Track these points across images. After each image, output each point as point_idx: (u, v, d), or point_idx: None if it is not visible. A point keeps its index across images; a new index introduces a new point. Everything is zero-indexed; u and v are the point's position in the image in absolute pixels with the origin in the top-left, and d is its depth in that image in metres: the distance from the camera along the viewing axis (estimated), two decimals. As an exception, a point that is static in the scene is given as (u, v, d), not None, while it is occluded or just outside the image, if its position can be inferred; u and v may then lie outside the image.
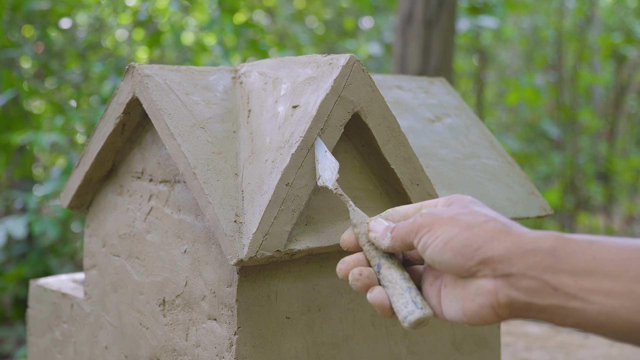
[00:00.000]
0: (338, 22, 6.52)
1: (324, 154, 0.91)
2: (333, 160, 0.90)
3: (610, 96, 6.87)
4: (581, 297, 0.64)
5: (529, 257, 0.67)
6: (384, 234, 0.79)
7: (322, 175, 0.90)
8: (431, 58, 3.28)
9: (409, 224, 0.75)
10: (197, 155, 0.96)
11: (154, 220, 1.09)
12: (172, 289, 1.05)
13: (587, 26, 6.45)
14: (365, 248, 0.81)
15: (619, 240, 0.66)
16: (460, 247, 0.70)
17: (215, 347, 0.97)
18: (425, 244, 0.73)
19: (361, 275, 0.78)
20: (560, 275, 0.65)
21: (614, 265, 0.64)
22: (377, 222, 0.81)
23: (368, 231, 0.81)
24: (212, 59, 3.96)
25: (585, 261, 0.65)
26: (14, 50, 3.79)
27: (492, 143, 1.33)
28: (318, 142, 0.92)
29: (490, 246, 0.69)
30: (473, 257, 0.69)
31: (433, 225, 0.73)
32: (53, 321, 1.32)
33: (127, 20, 4.37)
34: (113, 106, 1.11)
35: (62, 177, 3.36)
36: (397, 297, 0.75)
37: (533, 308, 0.67)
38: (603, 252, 0.65)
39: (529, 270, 0.67)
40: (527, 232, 0.70)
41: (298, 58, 1.06)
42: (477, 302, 0.70)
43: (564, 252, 0.66)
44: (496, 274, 0.68)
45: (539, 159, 6.36)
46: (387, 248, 0.78)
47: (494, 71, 7.55)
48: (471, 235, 0.70)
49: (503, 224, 0.71)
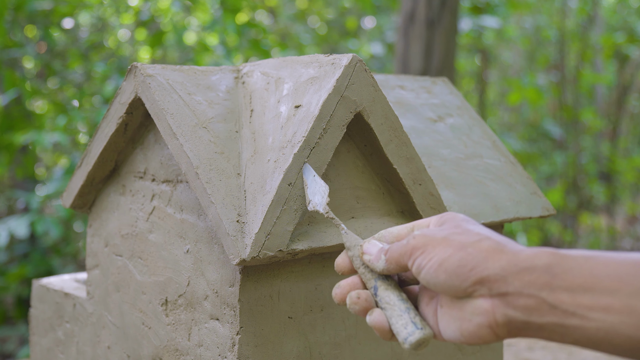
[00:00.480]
0: (340, 22, 6.52)
1: (312, 178, 0.90)
2: (322, 184, 0.89)
3: (612, 96, 6.86)
4: (580, 314, 0.64)
5: (525, 275, 0.66)
6: (378, 257, 0.78)
7: (312, 200, 0.89)
8: (433, 58, 3.28)
9: (402, 246, 0.75)
10: (199, 155, 0.96)
11: (157, 220, 1.09)
12: (174, 289, 1.05)
13: (589, 26, 6.44)
14: (360, 271, 0.80)
15: (616, 255, 0.65)
16: (455, 267, 0.69)
17: (217, 347, 0.97)
18: (420, 266, 0.72)
19: (359, 298, 0.77)
20: (557, 292, 0.65)
21: (612, 280, 0.63)
22: (370, 244, 0.80)
23: (362, 254, 0.80)
24: (215, 58, 3.96)
25: (582, 277, 0.64)
26: (16, 50, 3.80)
27: (495, 143, 1.33)
28: (306, 167, 0.91)
29: (485, 265, 0.68)
30: (468, 278, 0.69)
31: (426, 247, 0.72)
32: (56, 321, 1.32)
33: (130, 20, 4.37)
34: (115, 106, 1.11)
35: (65, 177, 3.37)
36: (396, 319, 0.75)
37: (531, 326, 0.67)
38: (600, 267, 0.64)
39: (525, 289, 0.66)
40: (522, 249, 0.69)
41: (300, 58, 1.06)
42: (475, 322, 0.69)
43: (560, 268, 0.66)
44: (492, 294, 0.68)
45: (542, 159, 6.35)
46: (382, 270, 0.77)
47: (496, 71, 7.54)
48: (465, 255, 0.69)
49: (497, 242, 0.70)
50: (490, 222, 1.16)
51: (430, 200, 1.05)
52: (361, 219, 1.02)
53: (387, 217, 1.05)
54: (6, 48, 3.74)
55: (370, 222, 1.02)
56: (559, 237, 5.94)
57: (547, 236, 5.98)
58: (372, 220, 1.03)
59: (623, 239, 6.21)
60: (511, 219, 1.19)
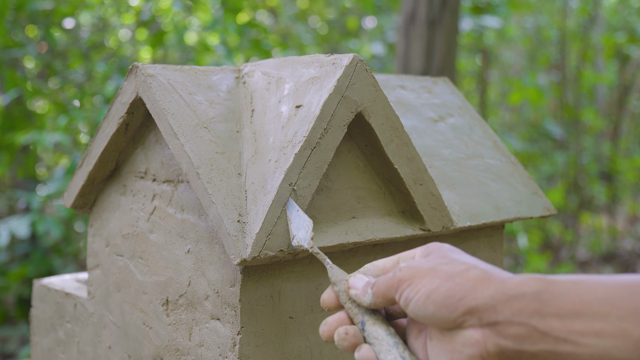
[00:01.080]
0: (341, 22, 6.52)
1: (296, 213, 0.90)
2: (306, 219, 0.89)
3: (613, 96, 6.86)
4: (572, 340, 0.63)
5: (514, 303, 0.66)
6: (365, 291, 0.77)
7: (297, 235, 0.88)
8: (434, 58, 3.27)
9: (389, 279, 0.74)
10: (200, 155, 0.96)
11: (157, 220, 1.09)
12: (175, 289, 1.05)
13: (590, 26, 6.44)
14: (347, 306, 0.79)
15: (604, 278, 0.65)
16: (443, 298, 0.68)
17: (218, 347, 0.97)
18: (407, 298, 0.71)
19: (347, 334, 0.76)
20: (548, 319, 0.64)
21: (602, 304, 0.62)
22: (356, 278, 0.79)
23: (348, 288, 0.79)
24: (215, 58, 3.96)
25: (572, 302, 0.64)
26: (17, 50, 3.80)
27: (496, 143, 1.33)
28: (290, 203, 0.90)
29: (474, 295, 0.67)
30: (457, 308, 0.68)
31: (413, 279, 0.71)
32: (56, 321, 1.32)
33: (131, 20, 4.37)
34: (116, 106, 1.11)
35: (66, 176, 3.37)
36: (385, 354, 0.74)
37: (524, 355, 0.66)
38: (589, 291, 0.64)
39: (515, 317, 0.65)
40: (510, 276, 0.68)
41: (301, 58, 1.06)
42: (466, 354, 0.68)
43: (549, 295, 0.65)
44: (483, 323, 0.67)
45: (543, 159, 6.35)
46: (370, 305, 0.76)
47: (497, 71, 7.54)
48: (453, 285, 0.68)
49: (484, 271, 0.69)
50: (491, 222, 1.16)
51: (431, 200, 1.05)
52: (362, 218, 1.02)
53: (388, 217, 1.05)
54: (7, 48, 3.74)
55: (372, 222, 1.02)
56: (560, 237, 5.94)
57: (548, 236, 5.98)
58: (373, 220, 1.03)
59: (624, 239, 6.21)
60: (512, 219, 1.19)
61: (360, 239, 0.99)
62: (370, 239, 1.00)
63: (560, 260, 5.54)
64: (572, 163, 5.97)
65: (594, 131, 6.57)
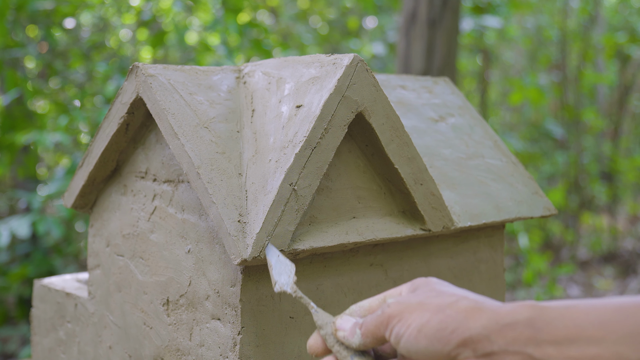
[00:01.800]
0: (342, 22, 6.52)
1: (277, 258, 0.88)
2: (288, 263, 0.87)
3: (614, 96, 6.85)
4: None
5: (508, 331, 0.65)
6: (353, 331, 0.75)
7: (279, 281, 0.86)
8: (435, 58, 3.27)
9: (378, 316, 0.72)
10: (200, 155, 0.96)
11: (158, 220, 1.09)
12: (176, 289, 1.05)
13: (591, 26, 6.44)
14: (335, 349, 0.76)
15: (596, 301, 0.64)
16: (435, 331, 0.67)
17: (219, 347, 0.97)
18: (398, 334, 0.69)
19: None
20: (543, 346, 0.63)
21: (596, 329, 0.62)
22: (343, 319, 0.77)
23: (335, 330, 0.77)
24: (216, 58, 3.96)
25: (566, 328, 0.63)
26: (18, 50, 3.80)
27: (496, 143, 1.33)
28: (269, 248, 0.89)
29: (467, 326, 0.66)
30: (450, 341, 0.66)
31: (403, 314, 0.70)
32: (57, 321, 1.32)
33: (131, 20, 4.37)
34: (117, 106, 1.11)
35: (66, 176, 3.37)
36: None
37: None
38: (582, 316, 0.63)
39: (510, 346, 0.64)
40: (500, 305, 0.67)
41: (302, 58, 1.06)
42: None
43: (542, 321, 0.64)
44: (478, 355, 0.65)
45: (543, 159, 6.35)
46: (359, 346, 0.74)
47: (497, 71, 7.54)
48: (444, 317, 0.67)
49: (475, 301, 0.68)
50: (492, 221, 1.16)
51: (431, 200, 1.05)
52: (363, 218, 1.02)
53: (389, 217, 1.05)
54: (8, 48, 3.74)
55: (372, 222, 1.02)
56: (561, 237, 5.94)
57: (548, 236, 5.98)
58: (374, 220, 1.03)
59: (625, 239, 6.21)
60: (513, 219, 1.19)
61: (361, 239, 0.99)
62: (371, 239, 1.00)
63: (561, 260, 5.55)
64: (573, 163, 5.97)
65: (594, 131, 6.57)
